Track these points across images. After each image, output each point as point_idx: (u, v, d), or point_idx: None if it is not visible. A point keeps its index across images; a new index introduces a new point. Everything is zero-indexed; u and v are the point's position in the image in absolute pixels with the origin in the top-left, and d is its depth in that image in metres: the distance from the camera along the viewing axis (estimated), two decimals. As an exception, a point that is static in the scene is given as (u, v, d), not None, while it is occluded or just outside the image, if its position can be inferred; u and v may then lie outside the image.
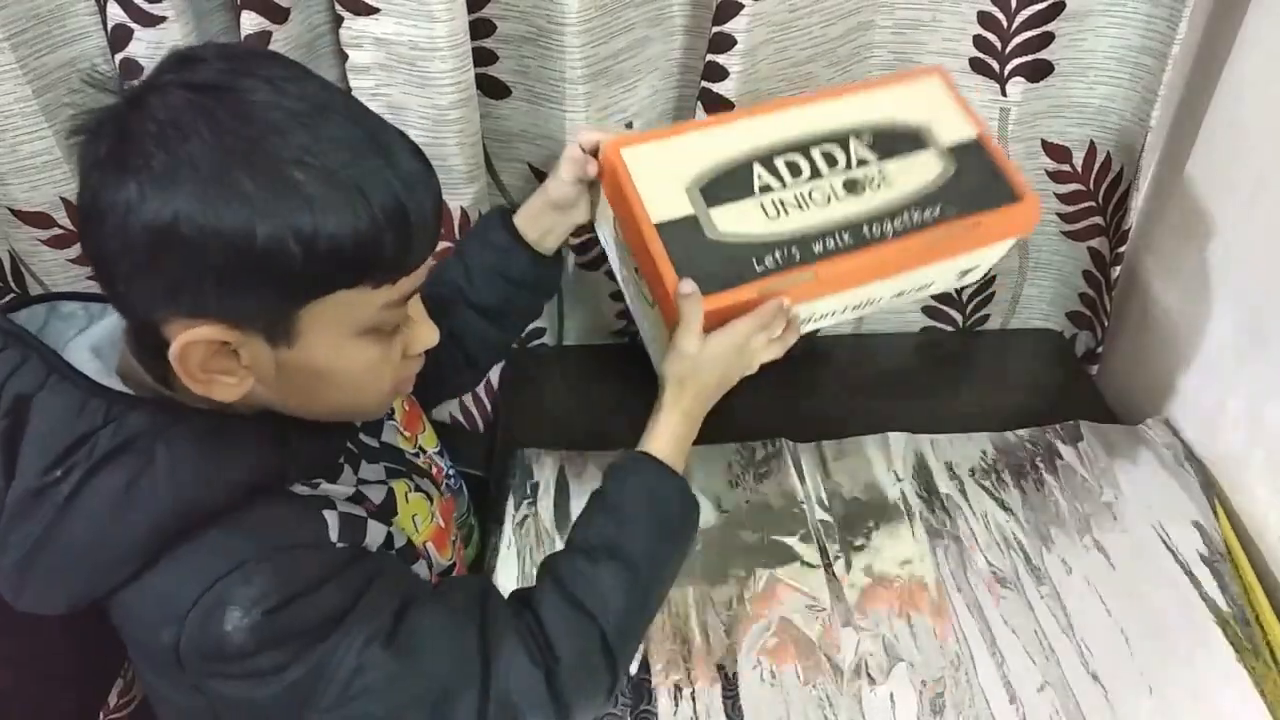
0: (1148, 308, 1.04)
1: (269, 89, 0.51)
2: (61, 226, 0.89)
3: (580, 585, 0.63)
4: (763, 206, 0.73)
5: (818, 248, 0.71)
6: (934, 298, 1.10)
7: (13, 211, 0.88)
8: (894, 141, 0.76)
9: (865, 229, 0.72)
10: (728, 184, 0.74)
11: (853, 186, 0.74)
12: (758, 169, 0.74)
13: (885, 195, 0.74)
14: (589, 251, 1.00)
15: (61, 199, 0.88)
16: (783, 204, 0.73)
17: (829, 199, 0.73)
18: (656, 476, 0.68)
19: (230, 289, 0.51)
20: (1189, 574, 0.81)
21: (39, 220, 0.89)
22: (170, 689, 0.61)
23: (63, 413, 0.54)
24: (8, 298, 0.95)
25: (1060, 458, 0.92)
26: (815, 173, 0.74)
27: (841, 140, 0.76)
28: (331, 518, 0.59)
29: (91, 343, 0.60)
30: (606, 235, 0.81)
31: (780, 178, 0.74)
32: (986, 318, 1.12)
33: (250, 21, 0.77)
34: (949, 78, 0.80)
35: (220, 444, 0.56)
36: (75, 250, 0.91)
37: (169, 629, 0.53)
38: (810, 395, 1.03)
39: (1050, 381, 1.07)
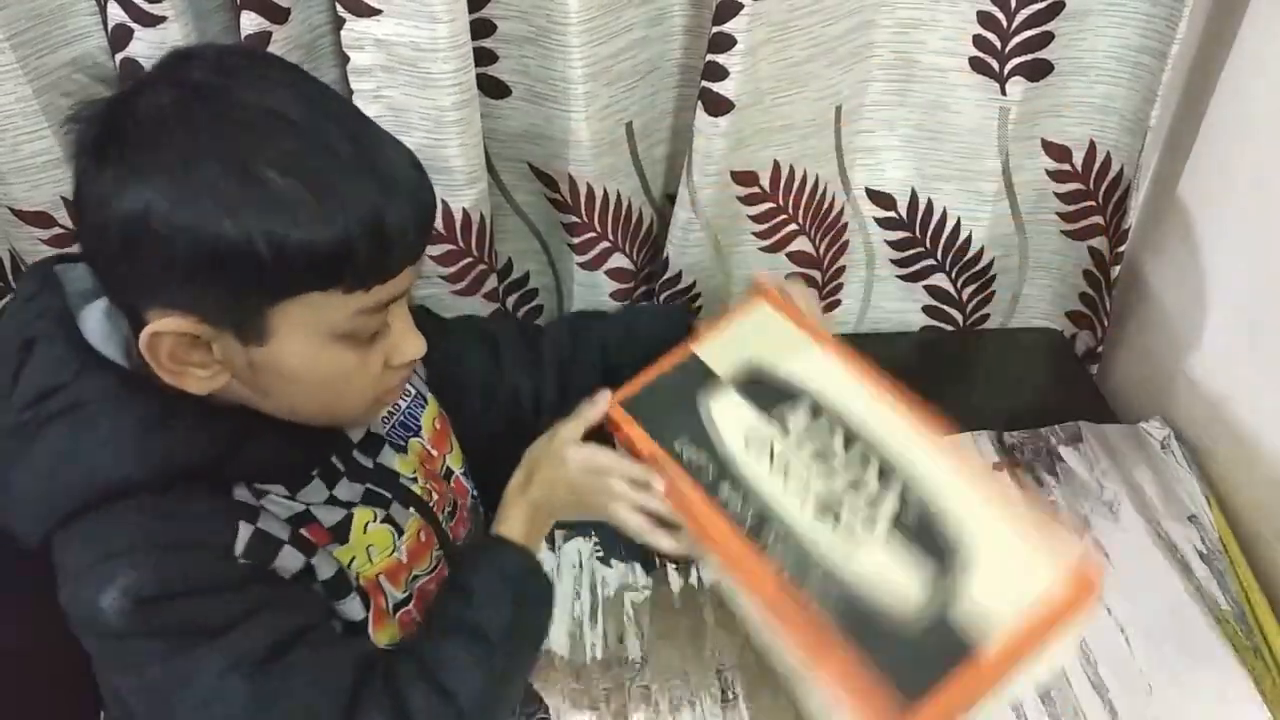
0: (1148, 307, 1.04)
1: (256, 91, 0.52)
2: (62, 226, 0.90)
3: (439, 664, 0.61)
4: (763, 440, 0.66)
5: (740, 513, 0.62)
6: (934, 297, 1.10)
7: (13, 211, 0.88)
8: (926, 535, 0.61)
9: (790, 562, 0.60)
10: (767, 392, 0.68)
11: (833, 515, 0.62)
12: (799, 413, 0.66)
13: (851, 558, 0.60)
14: (589, 251, 1.00)
15: (62, 199, 0.88)
16: (774, 454, 0.65)
17: (806, 501, 0.63)
18: (507, 556, 0.66)
19: (198, 284, 0.51)
20: (1187, 572, 0.81)
21: (39, 220, 0.89)
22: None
23: (46, 361, 0.56)
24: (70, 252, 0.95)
25: (1060, 459, 0.92)
26: (829, 472, 0.64)
27: (885, 473, 0.63)
28: (245, 530, 0.58)
29: (107, 305, 0.60)
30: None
31: (799, 440, 0.65)
32: (987, 317, 1.12)
33: (250, 21, 0.77)
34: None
35: (164, 425, 0.57)
36: (76, 250, 0.91)
37: (66, 587, 0.55)
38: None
39: (1050, 380, 1.07)
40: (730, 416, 0.68)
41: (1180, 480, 0.89)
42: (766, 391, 0.68)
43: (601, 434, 0.69)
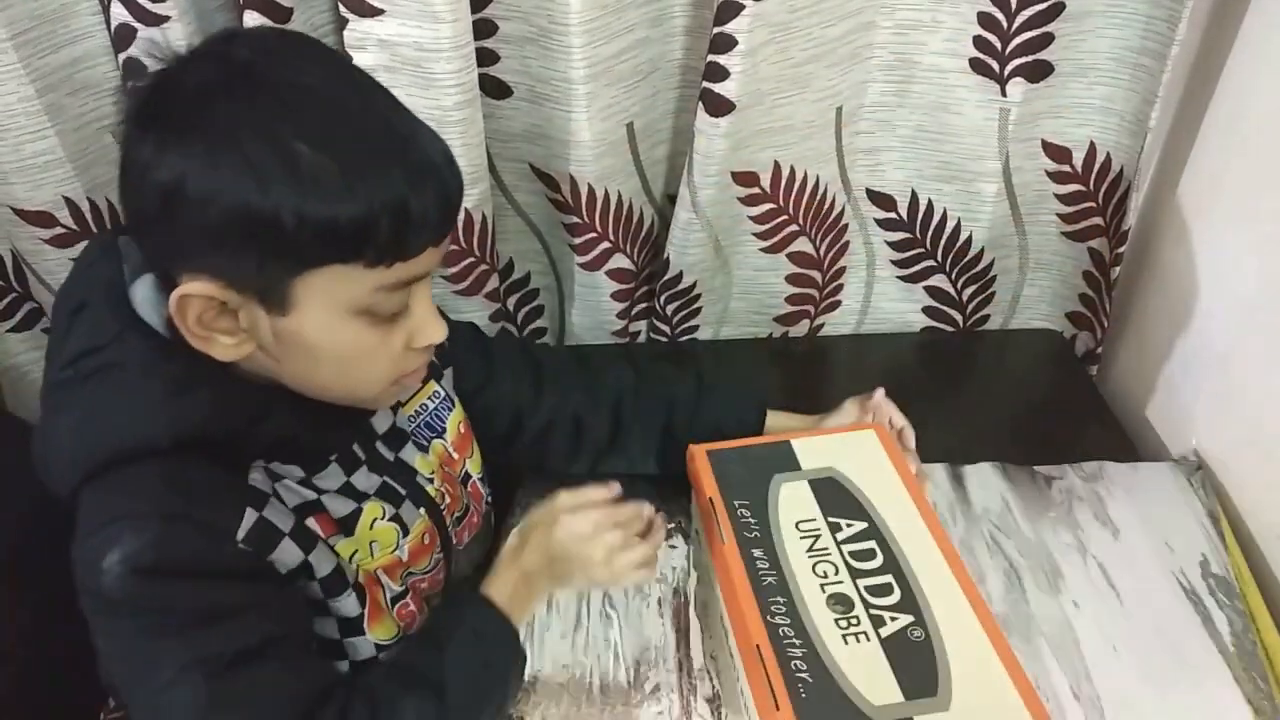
0: (1147, 308, 1.04)
1: (296, 70, 0.55)
2: (64, 226, 0.90)
3: (386, 709, 0.61)
4: (813, 530, 0.71)
5: (762, 573, 0.68)
6: (934, 297, 1.10)
7: (15, 211, 0.88)
8: (920, 661, 0.64)
9: (785, 625, 0.65)
10: (836, 498, 0.73)
11: (844, 609, 0.66)
12: (854, 525, 0.71)
13: (843, 647, 0.64)
14: (590, 252, 1.00)
15: (64, 198, 0.88)
16: (815, 544, 0.70)
17: (825, 589, 0.67)
18: (485, 617, 0.66)
19: (227, 250, 0.54)
20: (1198, 606, 0.79)
21: (41, 219, 0.89)
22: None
23: (91, 324, 0.60)
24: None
25: (1078, 497, 0.89)
26: (856, 575, 0.68)
27: (905, 601, 0.67)
28: (250, 516, 0.59)
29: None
30: None
31: (843, 544, 0.70)
32: (987, 318, 1.12)
33: (253, 21, 0.78)
34: None
35: (192, 389, 0.58)
36: (77, 249, 0.91)
37: (78, 542, 0.57)
38: (810, 395, 1.03)
39: (1050, 381, 1.07)
40: (794, 501, 0.74)
41: (1191, 511, 0.87)
42: (836, 497, 0.74)
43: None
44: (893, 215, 1.05)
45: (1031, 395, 1.02)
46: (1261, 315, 0.85)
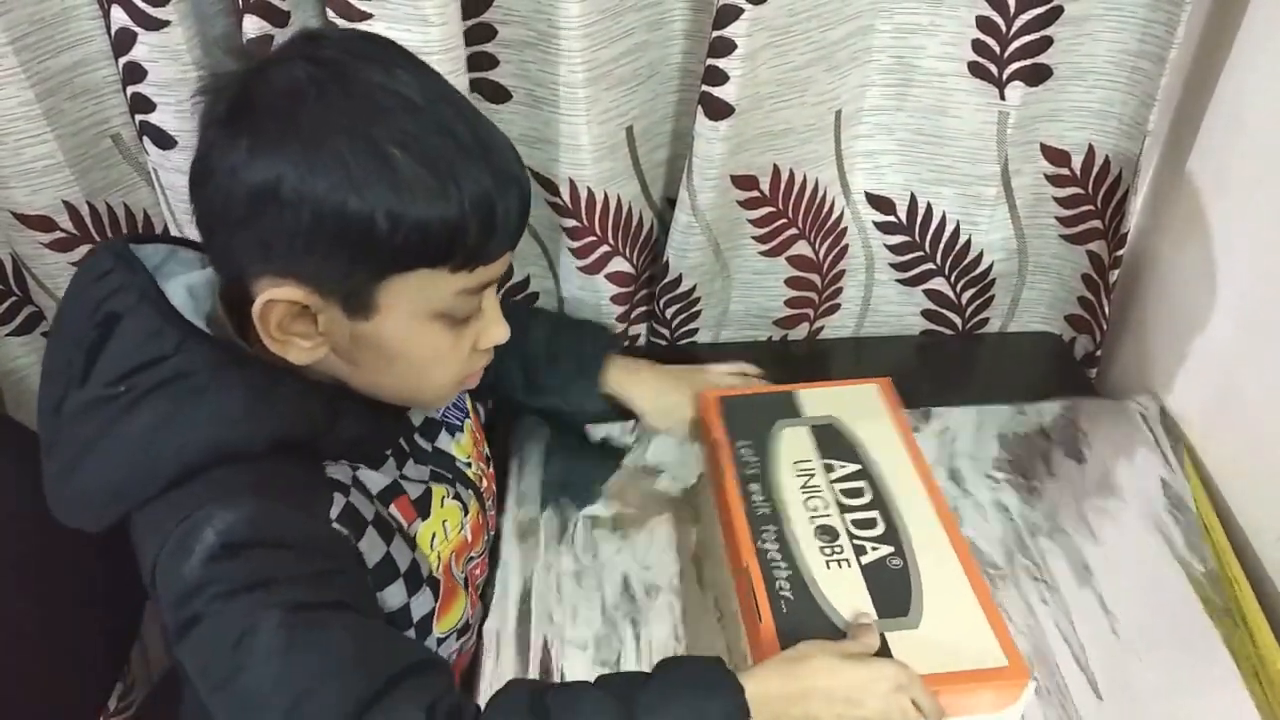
0: (1146, 311, 1.04)
1: (384, 73, 0.55)
2: (64, 230, 0.90)
3: (558, 708, 0.54)
4: (808, 469, 0.78)
5: (756, 504, 0.75)
6: (933, 301, 1.10)
7: (15, 215, 0.88)
8: (898, 587, 0.69)
9: (774, 549, 0.71)
10: (834, 443, 0.80)
11: (830, 538, 0.73)
12: (847, 466, 0.78)
13: (826, 571, 0.70)
14: (589, 255, 1.00)
15: (64, 202, 0.88)
16: (809, 482, 0.77)
17: (814, 521, 0.74)
18: (724, 698, 0.56)
19: (317, 254, 0.53)
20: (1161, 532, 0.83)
21: (41, 224, 0.89)
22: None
23: (141, 334, 0.57)
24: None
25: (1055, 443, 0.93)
26: (844, 510, 0.75)
27: (889, 534, 0.73)
28: (340, 500, 0.59)
29: (190, 283, 0.62)
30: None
31: (835, 483, 0.77)
32: (985, 321, 1.12)
33: (252, 25, 0.77)
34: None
35: (270, 395, 0.58)
36: (78, 254, 0.91)
37: (154, 546, 0.55)
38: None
39: (1049, 384, 1.07)
40: (793, 443, 0.81)
41: (1149, 441, 0.92)
42: (833, 442, 0.81)
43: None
44: (892, 218, 1.05)
45: (1030, 398, 1.02)
46: (1261, 318, 0.85)
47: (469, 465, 0.75)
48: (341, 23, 0.79)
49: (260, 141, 0.52)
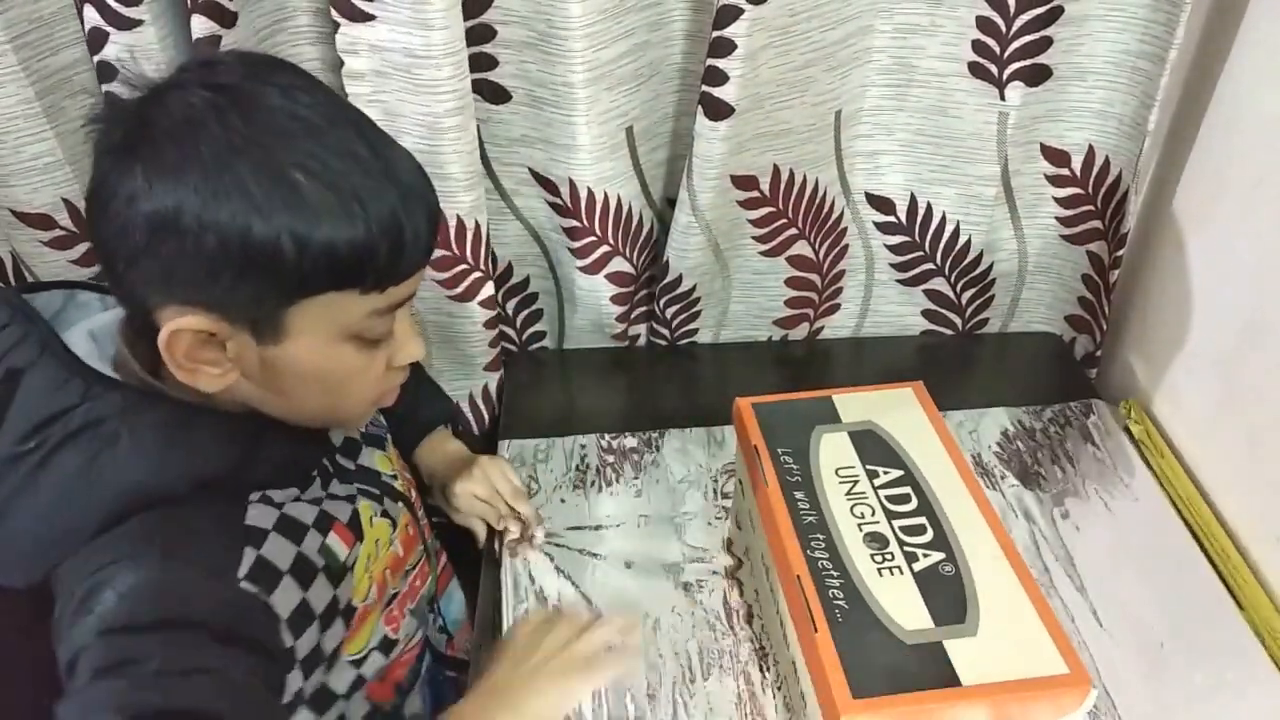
0: (1147, 311, 1.04)
1: (282, 95, 0.53)
2: (63, 228, 0.90)
3: None
4: (851, 476, 0.75)
5: (803, 513, 0.72)
6: (933, 301, 1.10)
7: (14, 213, 0.88)
8: (951, 594, 0.68)
9: (824, 559, 0.69)
10: (874, 448, 0.78)
11: (880, 545, 0.71)
12: (891, 472, 0.75)
13: (878, 579, 0.68)
14: (589, 255, 1.00)
15: (64, 200, 0.88)
16: (853, 489, 0.74)
17: (862, 528, 0.71)
18: None
19: (222, 281, 0.52)
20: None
21: (41, 222, 0.89)
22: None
23: (46, 387, 0.56)
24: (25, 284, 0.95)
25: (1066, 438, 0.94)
26: (891, 517, 0.72)
27: (938, 540, 0.71)
28: (249, 555, 0.58)
29: (92, 327, 0.61)
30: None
31: (880, 489, 0.74)
32: (986, 321, 1.12)
33: (201, 25, 0.77)
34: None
35: (186, 434, 0.57)
36: (77, 251, 0.91)
37: (62, 602, 0.54)
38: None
39: (1049, 385, 1.07)
40: (834, 449, 0.78)
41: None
42: (874, 447, 0.79)
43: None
44: (892, 219, 1.05)
45: (1030, 398, 1.02)
46: (1261, 318, 0.85)
47: (395, 478, 0.75)
48: (343, 22, 0.79)
49: (159, 169, 0.51)
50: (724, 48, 0.84)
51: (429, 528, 0.79)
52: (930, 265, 1.07)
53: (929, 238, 1.05)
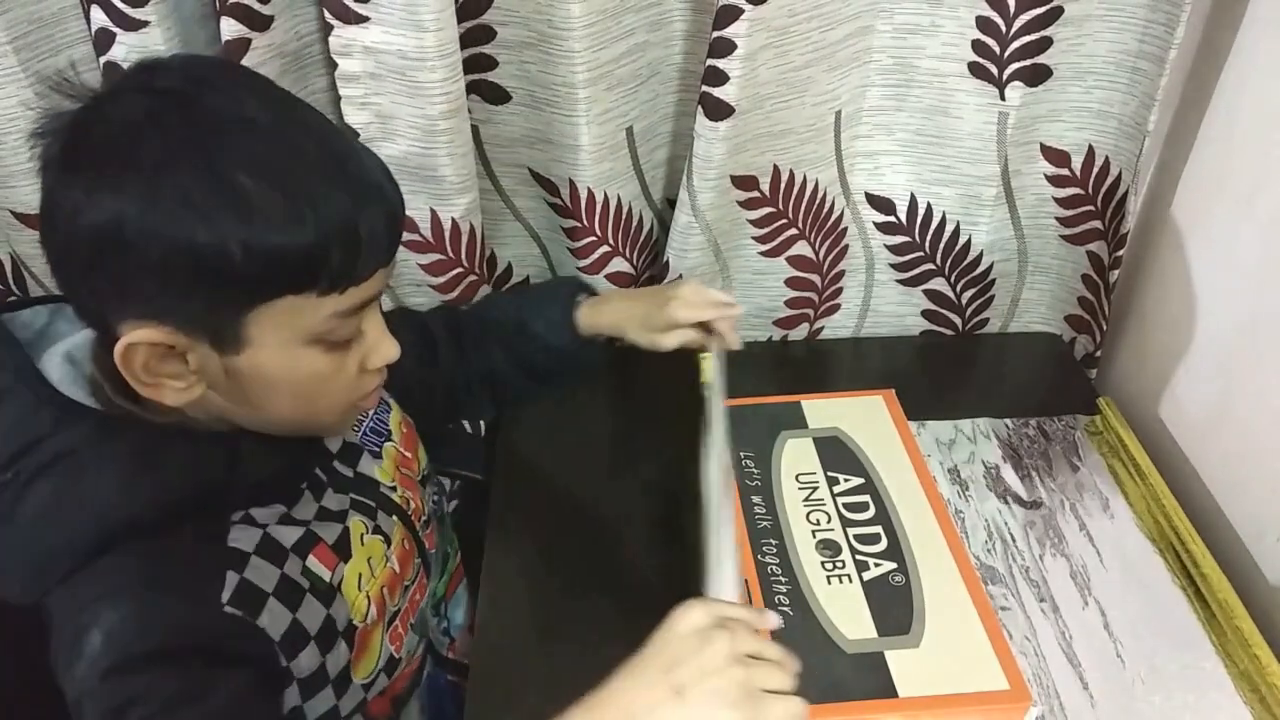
0: (1146, 311, 1.04)
1: (226, 98, 0.52)
2: (63, 230, 0.90)
3: None
4: (811, 482, 0.77)
5: (758, 516, 0.73)
6: (933, 301, 1.10)
7: (15, 214, 0.88)
8: (899, 604, 0.68)
9: (774, 564, 0.69)
10: (837, 455, 0.79)
11: (831, 553, 0.71)
12: (851, 480, 0.77)
13: (827, 587, 0.69)
14: (589, 256, 1.00)
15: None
16: (812, 495, 0.76)
17: (816, 534, 0.72)
18: None
19: (173, 293, 0.51)
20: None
21: (41, 223, 0.89)
22: None
23: (19, 417, 0.55)
24: (9, 299, 0.95)
25: (1049, 447, 0.93)
26: (846, 525, 0.73)
27: (891, 550, 0.72)
28: (232, 579, 0.57)
29: (68, 349, 0.60)
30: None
31: (838, 496, 0.76)
32: (985, 321, 1.12)
33: (230, 30, 0.77)
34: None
35: (155, 461, 0.56)
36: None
37: (53, 639, 0.54)
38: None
39: (1049, 385, 1.08)
40: (797, 455, 0.80)
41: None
42: (837, 454, 0.80)
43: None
44: (892, 219, 1.05)
45: (1030, 398, 1.02)
46: (1261, 319, 0.85)
47: (394, 489, 0.72)
48: (337, 24, 0.79)
49: (97, 180, 0.49)
50: (724, 48, 0.84)
51: (432, 536, 0.78)
52: (930, 265, 1.07)
53: (929, 238, 1.05)
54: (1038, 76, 0.92)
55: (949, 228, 1.03)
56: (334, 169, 0.53)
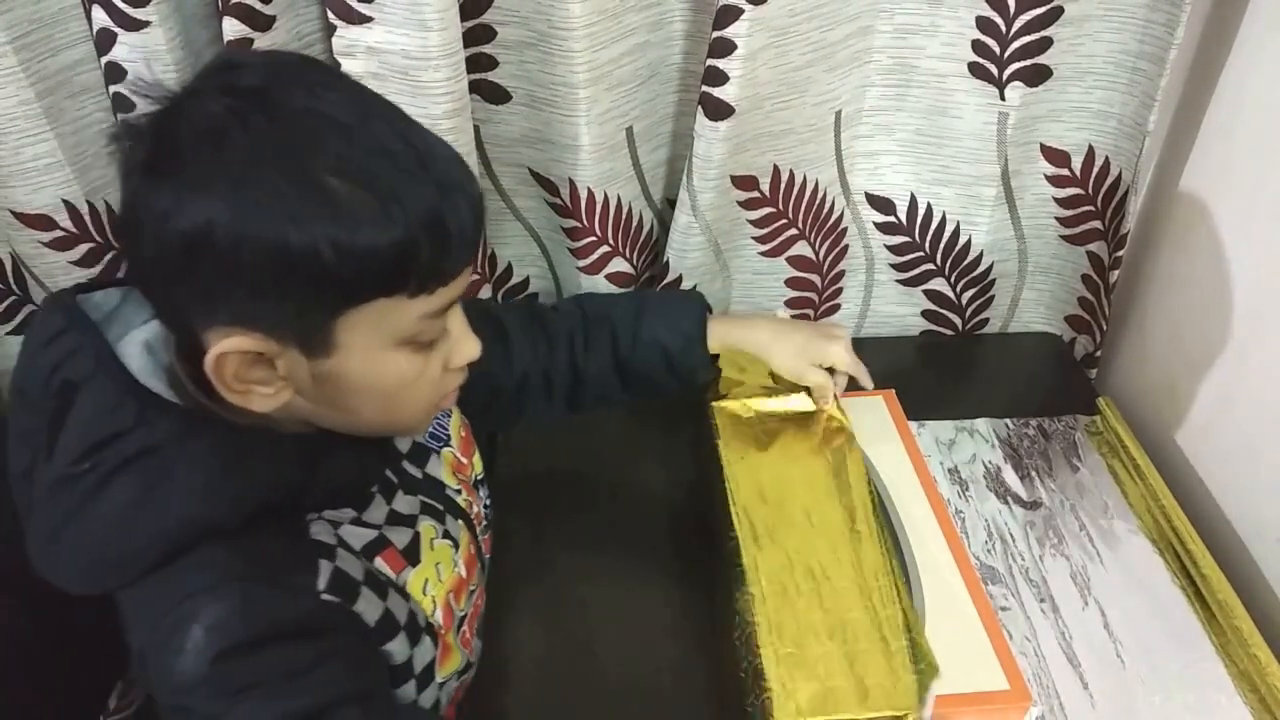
0: (1146, 311, 1.04)
1: (308, 95, 0.51)
2: (63, 229, 0.90)
3: None
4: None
5: None
6: (933, 301, 1.10)
7: (14, 214, 0.88)
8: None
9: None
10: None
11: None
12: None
13: None
14: (589, 256, 1.00)
15: (64, 201, 0.88)
16: None
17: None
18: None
19: (264, 297, 0.50)
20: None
21: (41, 223, 0.89)
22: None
23: (99, 408, 0.54)
24: (81, 282, 0.95)
25: (1051, 448, 0.93)
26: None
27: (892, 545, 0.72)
28: (326, 567, 0.57)
29: (147, 337, 0.59)
30: None
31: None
32: (985, 321, 1.12)
33: (232, 28, 0.77)
34: None
35: (241, 463, 0.55)
36: (78, 252, 0.91)
37: (142, 633, 0.53)
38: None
39: (1049, 385, 1.07)
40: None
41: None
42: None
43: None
44: (892, 219, 1.05)
45: (1031, 398, 1.02)
46: (1261, 319, 0.85)
47: (458, 492, 0.72)
48: (340, 25, 0.79)
49: (184, 185, 0.48)
50: (724, 48, 0.84)
51: (489, 541, 0.77)
52: (930, 265, 1.07)
53: (929, 238, 1.05)
54: (1038, 76, 0.92)
55: (949, 228, 1.03)
56: (417, 164, 0.52)
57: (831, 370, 0.82)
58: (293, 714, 0.51)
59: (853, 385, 0.84)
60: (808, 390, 0.82)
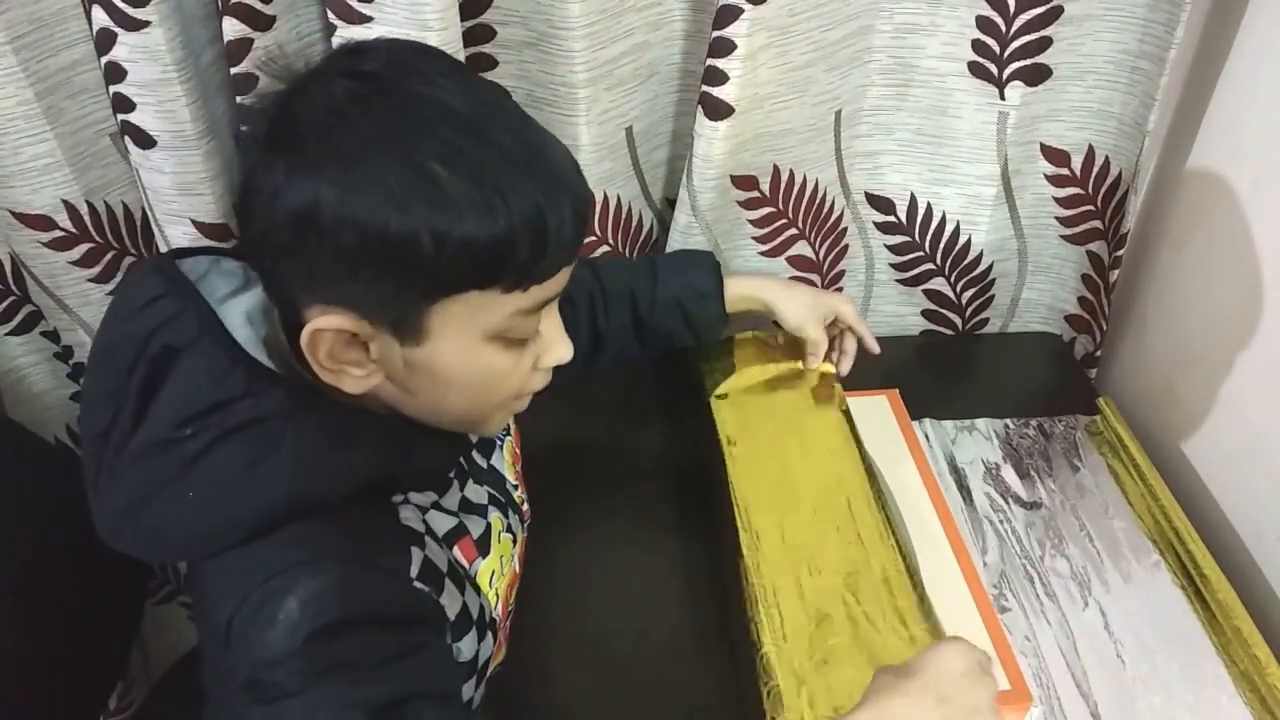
0: (1146, 311, 1.04)
1: (427, 84, 0.52)
2: (62, 229, 0.90)
3: None
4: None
5: None
6: (933, 301, 1.10)
7: (14, 214, 0.88)
8: None
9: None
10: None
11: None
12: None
13: None
14: (591, 254, 1.00)
15: (63, 201, 0.88)
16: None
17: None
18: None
19: (361, 279, 0.51)
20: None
21: (40, 223, 0.89)
22: (217, 692, 0.58)
23: (206, 374, 0.53)
24: (173, 249, 0.94)
25: (1052, 449, 0.93)
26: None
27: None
28: (417, 555, 0.57)
29: (247, 308, 0.59)
30: None
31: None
32: (985, 321, 1.12)
33: (232, 28, 0.77)
34: None
35: (347, 439, 0.55)
36: (77, 252, 0.91)
37: (232, 602, 0.52)
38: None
39: (1049, 385, 1.08)
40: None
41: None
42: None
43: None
44: (892, 219, 1.05)
45: (1031, 398, 1.02)
46: (1261, 319, 0.85)
47: (515, 487, 0.72)
48: (340, 24, 0.79)
49: (298, 162, 0.50)
50: (724, 48, 0.84)
51: (525, 542, 0.78)
52: (930, 265, 1.07)
53: (929, 238, 1.05)
54: (1038, 76, 0.92)
55: (949, 228, 1.03)
56: (526, 161, 0.52)
57: (834, 353, 0.87)
58: (373, 702, 0.50)
59: (853, 384, 0.85)
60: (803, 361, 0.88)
